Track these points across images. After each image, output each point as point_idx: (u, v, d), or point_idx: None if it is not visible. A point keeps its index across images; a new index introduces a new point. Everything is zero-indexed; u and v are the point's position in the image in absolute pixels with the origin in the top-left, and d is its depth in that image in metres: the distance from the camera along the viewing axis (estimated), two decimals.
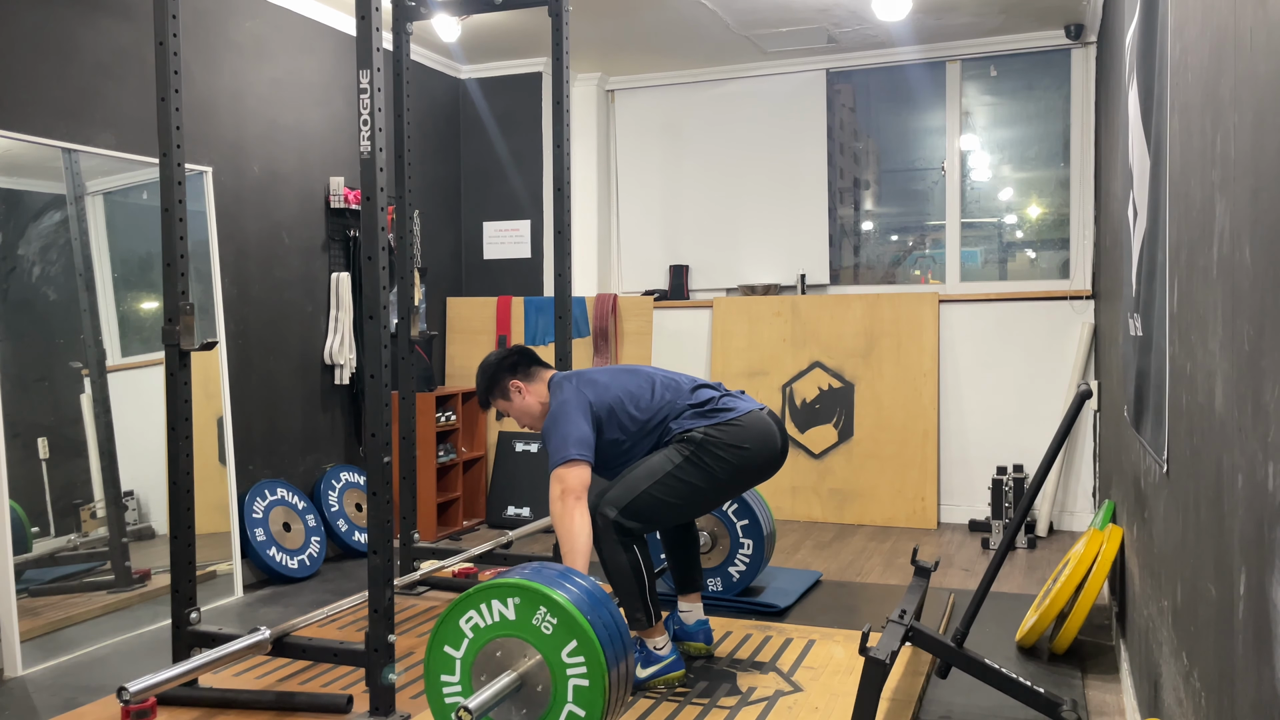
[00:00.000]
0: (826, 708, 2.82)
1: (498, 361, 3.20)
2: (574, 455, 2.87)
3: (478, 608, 2.37)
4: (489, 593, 2.36)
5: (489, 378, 3.19)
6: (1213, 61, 1.46)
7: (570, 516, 2.80)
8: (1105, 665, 3.25)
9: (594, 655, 2.27)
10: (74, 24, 3.65)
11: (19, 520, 3.36)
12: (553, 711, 2.30)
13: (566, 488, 2.83)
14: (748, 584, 3.84)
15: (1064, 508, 5.25)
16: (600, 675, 2.26)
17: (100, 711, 2.87)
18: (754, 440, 2.99)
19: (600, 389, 3.05)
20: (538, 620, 2.32)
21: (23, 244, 3.51)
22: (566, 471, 2.86)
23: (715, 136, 6.06)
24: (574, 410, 2.96)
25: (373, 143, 2.71)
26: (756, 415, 3.04)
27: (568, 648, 2.29)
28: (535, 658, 2.33)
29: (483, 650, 2.37)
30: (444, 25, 4.89)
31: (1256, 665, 1.13)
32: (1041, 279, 5.53)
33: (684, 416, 3.02)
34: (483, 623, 2.37)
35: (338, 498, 4.78)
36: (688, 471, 2.94)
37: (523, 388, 3.16)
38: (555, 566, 2.49)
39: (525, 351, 3.23)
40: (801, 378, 5.61)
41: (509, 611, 2.35)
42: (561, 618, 2.29)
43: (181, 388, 2.96)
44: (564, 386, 3.07)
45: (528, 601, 2.33)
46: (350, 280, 4.88)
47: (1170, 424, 1.95)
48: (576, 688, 2.28)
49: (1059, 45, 5.35)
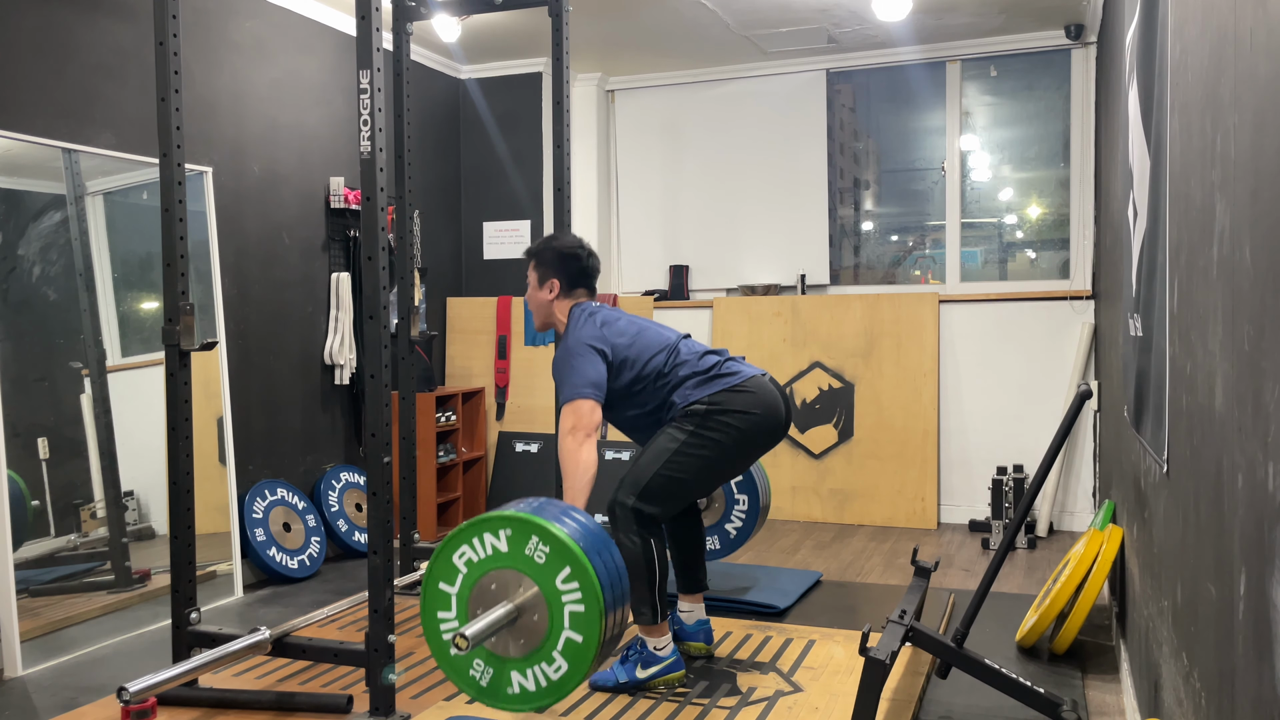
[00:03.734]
0: (826, 708, 2.82)
1: (565, 256, 3.17)
2: (588, 394, 2.87)
3: (470, 542, 2.35)
4: (481, 527, 2.34)
5: (548, 258, 3.17)
6: (1213, 61, 1.46)
7: (578, 451, 2.80)
8: (1105, 665, 3.25)
9: (588, 581, 2.25)
10: (74, 24, 3.65)
11: (19, 493, 3.35)
12: (550, 639, 2.29)
13: (578, 423, 2.83)
14: (744, 540, 3.80)
15: (1064, 508, 5.25)
16: (595, 599, 2.25)
17: (100, 711, 2.87)
18: (758, 405, 2.99)
19: (620, 336, 3.03)
20: (530, 550, 2.30)
21: (23, 244, 3.51)
22: (580, 406, 2.85)
23: (715, 136, 6.06)
24: (594, 352, 2.95)
25: (373, 143, 2.72)
26: (759, 380, 3.04)
27: (561, 575, 2.28)
28: (530, 587, 2.31)
29: (478, 584, 2.35)
30: (444, 25, 4.89)
31: (1256, 665, 1.13)
32: (1041, 279, 5.52)
33: (688, 385, 3.00)
34: (476, 557, 2.35)
35: (338, 498, 4.78)
36: (694, 446, 2.94)
37: (557, 290, 3.15)
38: (555, 503, 2.47)
39: (590, 270, 3.20)
40: (801, 378, 5.61)
41: (501, 544, 2.33)
42: (554, 546, 2.28)
43: (181, 388, 2.96)
44: (585, 323, 3.05)
45: (519, 532, 2.31)
46: (350, 280, 4.88)
47: (1170, 424, 1.95)
48: (573, 614, 2.27)
49: (1059, 45, 5.35)
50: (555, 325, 3.20)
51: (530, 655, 2.33)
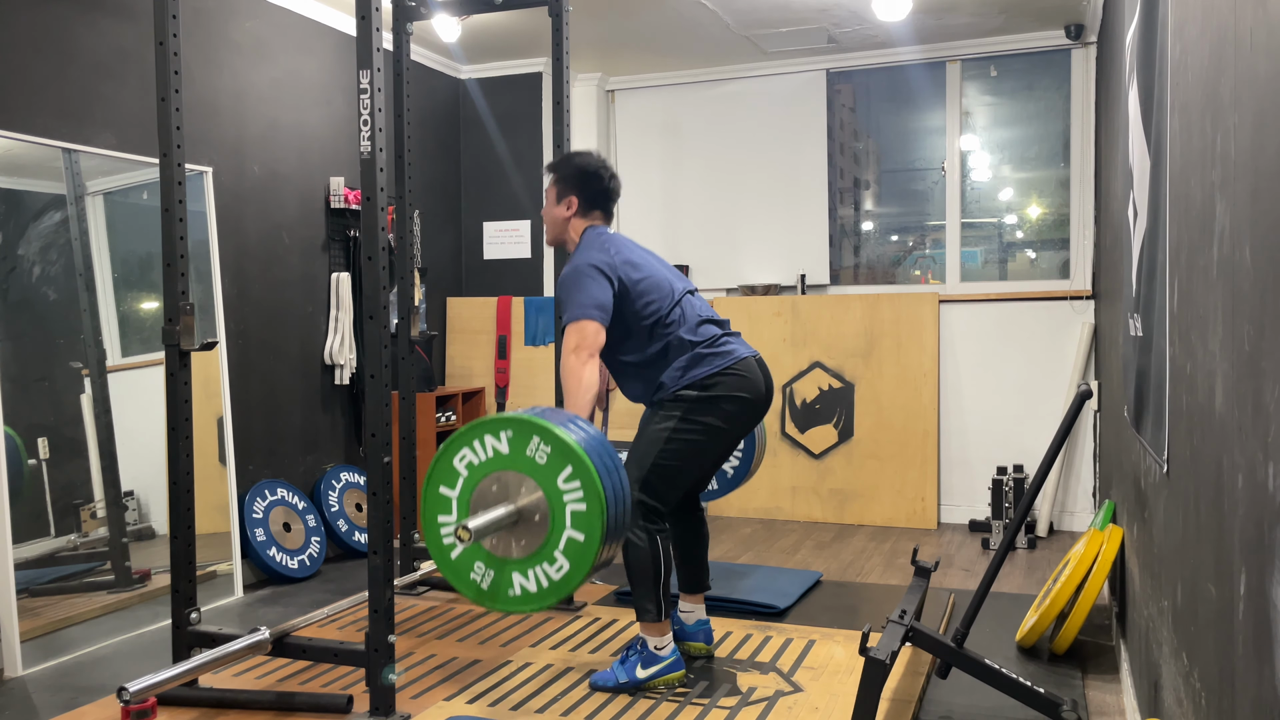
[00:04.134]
0: (826, 708, 2.82)
1: (586, 174, 3.14)
2: (595, 316, 2.86)
3: (470, 445, 2.33)
4: (481, 429, 2.32)
5: (568, 173, 3.15)
6: (1213, 61, 1.46)
7: (581, 369, 2.79)
8: (1105, 665, 3.25)
9: (589, 479, 2.24)
10: (74, 24, 3.65)
11: (14, 446, 3.34)
12: (552, 539, 2.28)
13: (582, 342, 2.82)
14: (739, 482, 3.74)
15: (1064, 508, 5.25)
16: (597, 497, 2.24)
17: (100, 711, 2.87)
18: (747, 389, 2.99)
19: (633, 269, 3.00)
20: (531, 451, 2.29)
21: (23, 244, 3.51)
22: (585, 326, 2.84)
23: (715, 136, 6.06)
24: (602, 276, 2.93)
25: (373, 143, 2.72)
26: (749, 362, 3.03)
27: (563, 474, 2.26)
28: (532, 488, 2.29)
29: (479, 486, 2.33)
30: (444, 25, 4.89)
31: (1256, 665, 1.13)
32: (1041, 279, 5.52)
33: (680, 361, 2.98)
34: (476, 459, 2.33)
35: (338, 498, 4.78)
36: (686, 432, 2.94)
37: (573, 207, 3.13)
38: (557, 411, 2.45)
39: (610, 193, 3.17)
40: (801, 378, 5.61)
41: (502, 445, 2.31)
42: (555, 445, 2.27)
43: (181, 388, 2.96)
44: (598, 247, 3.02)
45: (520, 433, 2.30)
46: (350, 280, 4.88)
47: (1170, 424, 1.95)
48: (574, 513, 2.26)
49: (1059, 45, 5.35)
50: (566, 243, 3.17)
51: (531, 556, 2.30)
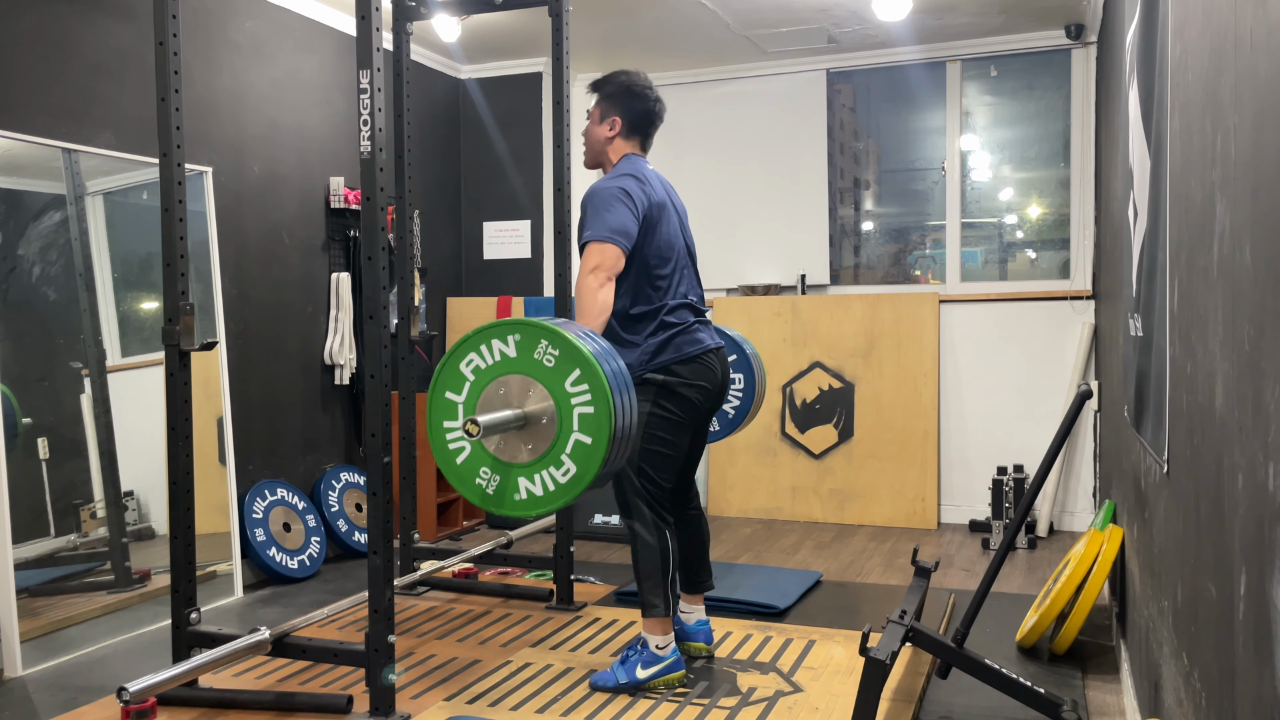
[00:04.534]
0: (826, 708, 2.82)
1: (633, 94, 3.10)
2: (619, 241, 2.83)
3: (478, 349, 2.32)
4: (488, 333, 2.31)
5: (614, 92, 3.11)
6: (1213, 61, 1.46)
7: (598, 291, 2.77)
8: (1105, 665, 3.25)
9: (598, 381, 2.23)
10: (74, 24, 3.65)
11: (10, 406, 3.33)
12: (559, 441, 2.27)
13: (602, 263, 2.80)
14: (743, 418, 3.72)
15: (1064, 508, 5.25)
16: (605, 399, 2.23)
17: (100, 711, 2.87)
18: (707, 379, 3.00)
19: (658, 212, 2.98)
20: (539, 354, 2.28)
21: (23, 244, 3.51)
22: (607, 249, 2.82)
23: (715, 136, 6.06)
24: (633, 205, 2.91)
25: (373, 143, 2.72)
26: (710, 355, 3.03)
27: (571, 377, 2.25)
28: (540, 391, 2.28)
29: (485, 391, 2.32)
30: (444, 25, 4.89)
31: (1257, 665, 1.13)
32: (1042, 279, 5.52)
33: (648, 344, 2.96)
34: (484, 364, 2.32)
35: (338, 498, 4.78)
36: (659, 413, 2.94)
37: (617, 128, 3.12)
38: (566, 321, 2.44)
39: (653, 118, 3.14)
40: (801, 378, 5.61)
41: (509, 349, 2.30)
42: (563, 348, 2.25)
43: (181, 388, 2.96)
44: (632, 175, 2.99)
45: (528, 337, 2.28)
46: (350, 280, 4.88)
47: (1170, 424, 1.95)
48: (582, 415, 2.25)
49: (1059, 45, 5.35)
50: (604, 164, 3.15)
51: (538, 460, 2.29)
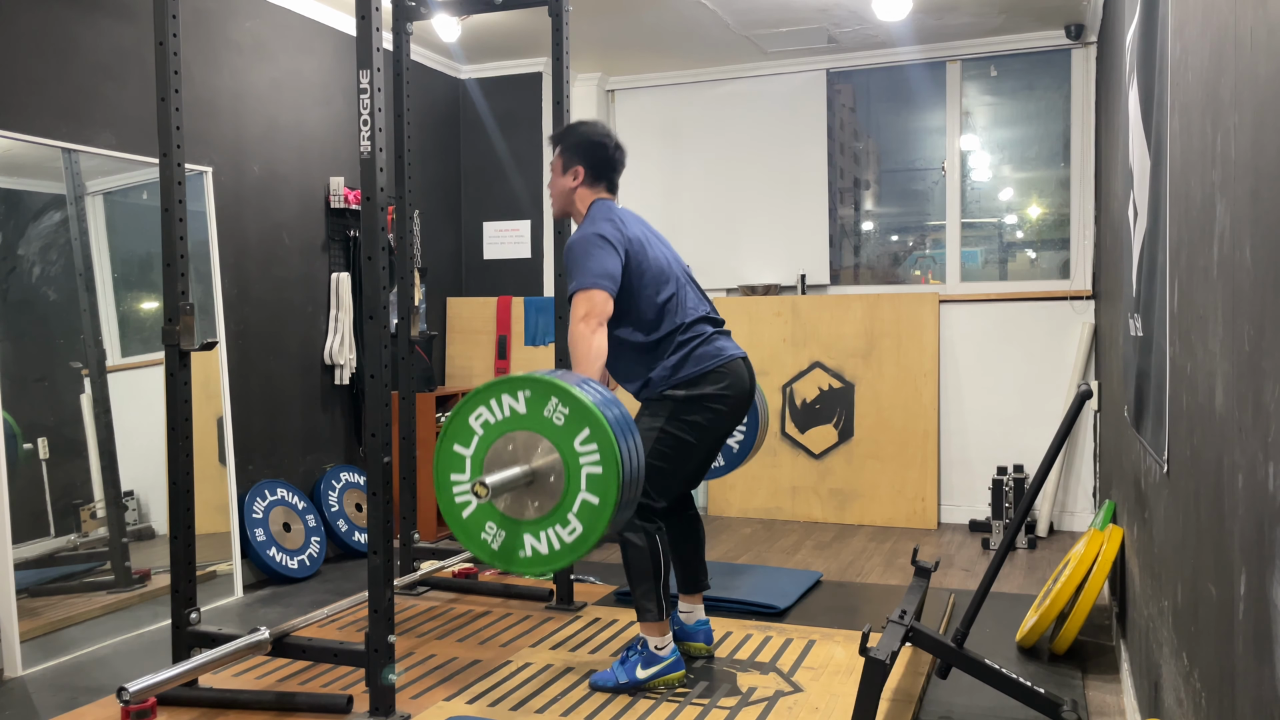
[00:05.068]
0: (826, 708, 2.82)
1: (592, 143, 3.12)
2: (605, 285, 2.85)
3: (488, 403, 2.31)
4: (499, 388, 2.30)
5: (574, 142, 3.13)
6: (1213, 61, 1.46)
7: (592, 337, 2.78)
8: (1105, 665, 3.25)
9: (607, 442, 2.23)
10: (74, 24, 3.65)
11: (11, 431, 3.33)
12: (567, 500, 2.27)
13: (592, 310, 2.81)
14: (746, 454, 3.73)
15: (1064, 508, 5.25)
16: (614, 461, 2.22)
17: (100, 711, 2.87)
18: (733, 389, 3.00)
19: (638, 245, 3.00)
20: (549, 411, 2.27)
21: (23, 244, 3.51)
22: (594, 295, 2.83)
23: (715, 136, 6.06)
24: (611, 247, 2.93)
25: (373, 143, 2.72)
26: (736, 364, 3.05)
27: (580, 436, 2.25)
28: (548, 449, 2.28)
29: (494, 446, 2.31)
30: (444, 25, 4.89)
31: (1257, 665, 1.13)
32: (1042, 279, 5.52)
33: (670, 358, 2.98)
34: (493, 418, 2.31)
35: (338, 498, 4.78)
36: (672, 430, 2.95)
37: (580, 178, 3.11)
38: (570, 373, 2.44)
39: (616, 163, 3.15)
40: (801, 378, 5.61)
41: (519, 405, 2.29)
42: (573, 407, 2.25)
43: (181, 388, 2.96)
44: (611, 221, 3.01)
45: (538, 394, 2.28)
46: (350, 280, 4.88)
47: (1170, 424, 1.95)
48: (590, 475, 2.25)
49: (1059, 45, 5.35)
50: (574, 214, 3.15)
51: (545, 517, 2.28)
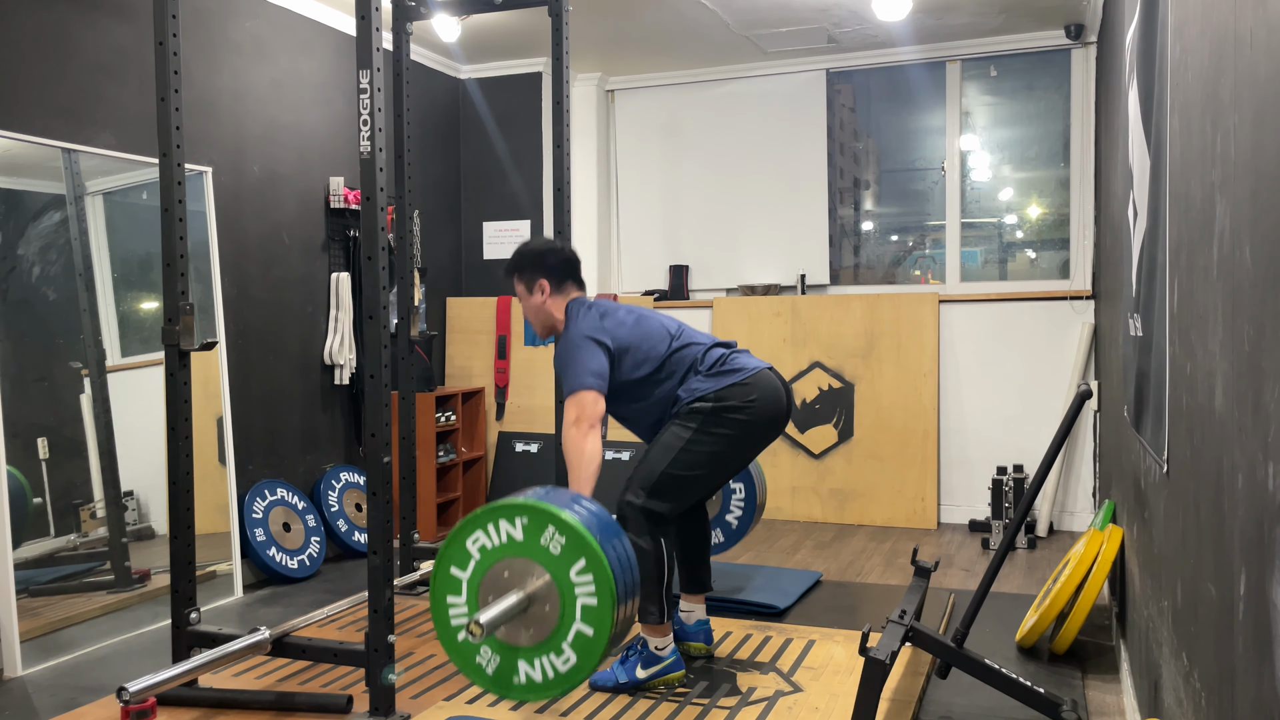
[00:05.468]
0: (826, 708, 2.82)
1: (542, 253, 3.15)
2: (591, 384, 2.86)
3: (485, 528, 2.33)
4: (496, 513, 2.32)
5: (526, 262, 3.15)
6: (1213, 61, 1.46)
7: (583, 442, 2.79)
8: (1105, 665, 3.25)
9: (603, 574, 2.24)
10: (74, 24, 3.65)
11: (19, 486, 3.34)
12: (561, 630, 2.28)
13: (582, 414, 2.83)
14: (745, 530, 3.78)
15: (1064, 508, 5.25)
16: (609, 593, 2.23)
17: (100, 711, 2.87)
18: (762, 399, 2.99)
19: (623, 330, 3.02)
20: (546, 540, 2.29)
21: (23, 244, 3.51)
22: (582, 397, 2.85)
23: (715, 136, 6.06)
24: (594, 343, 2.94)
25: (373, 143, 2.72)
26: (764, 374, 3.04)
27: (576, 566, 2.26)
28: (543, 577, 2.29)
29: (490, 571, 2.33)
30: (444, 25, 4.89)
31: (1256, 665, 1.13)
32: (1041, 279, 5.52)
33: (694, 379, 3.00)
34: (490, 544, 2.33)
35: (338, 498, 4.78)
36: (702, 441, 2.94)
37: (547, 291, 3.12)
38: (563, 491, 2.46)
39: (571, 261, 3.18)
40: (801, 378, 5.61)
41: (516, 532, 2.31)
42: (570, 537, 2.26)
43: (181, 388, 2.96)
44: (583, 316, 3.04)
45: (536, 521, 2.29)
46: (350, 280, 4.88)
47: (1170, 424, 1.95)
48: (585, 606, 2.26)
49: (1059, 45, 5.35)
50: (556, 326, 3.16)
51: (539, 645, 2.31)
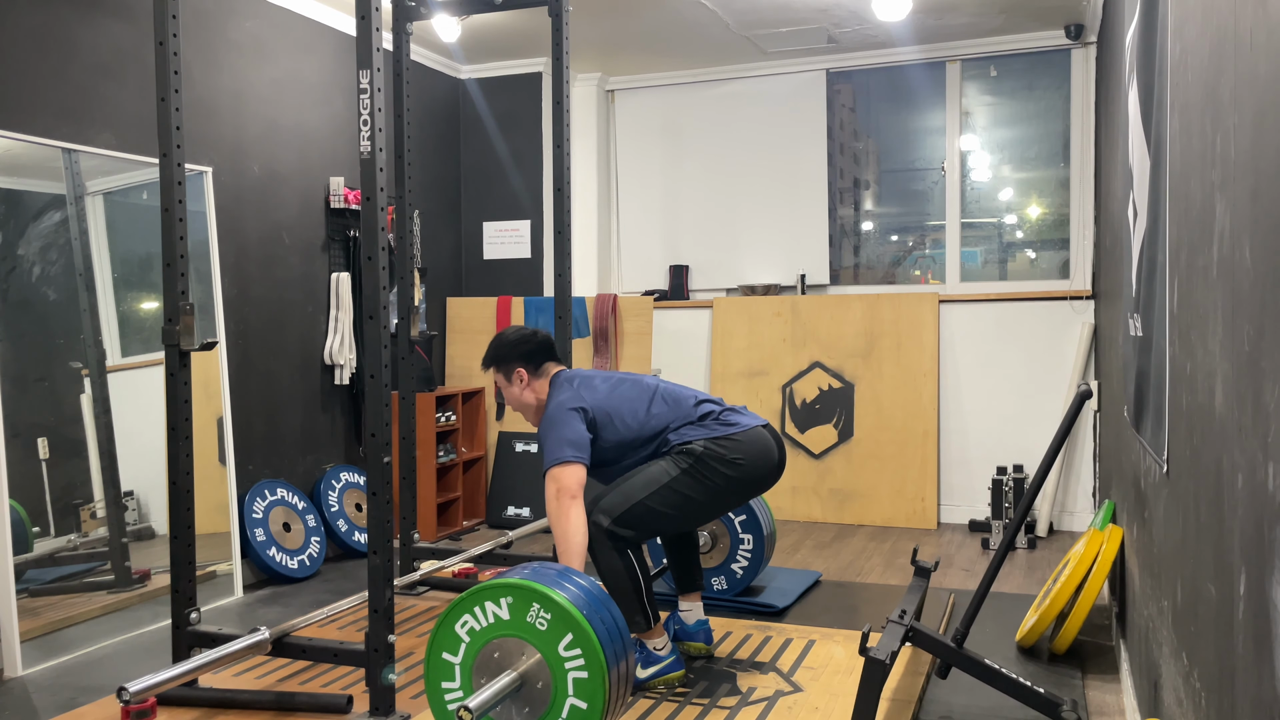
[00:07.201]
0: (826, 708, 2.82)
1: (516, 343, 3.18)
2: (569, 456, 2.88)
3: (471, 611, 2.38)
4: (482, 595, 2.37)
5: (501, 354, 3.18)
6: (1213, 61, 1.46)
7: (566, 516, 2.80)
8: (1105, 665, 3.25)
9: (591, 647, 2.27)
10: (74, 24, 3.65)
11: (20, 519, 3.36)
12: (555, 707, 2.31)
13: (561, 487, 2.84)
14: (751, 580, 3.84)
15: (1064, 508, 5.25)
16: (599, 666, 2.27)
17: (100, 711, 2.87)
18: (752, 455, 3.00)
19: (599, 394, 3.05)
20: (532, 617, 2.32)
21: (23, 244, 3.51)
22: (561, 471, 2.86)
23: (715, 136, 6.06)
24: (570, 412, 2.96)
25: (373, 143, 2.72)
26: (757, 431, 3.04)
27: (564, 641, 2.30)
28: (533, 655, 2.33)
29: (481, 653, 2.37)
30: (444, 25, 4.89)
31: (1256, 665, 1.13)
32: (1041, 279, 5.52)
33: (684, 428, 3.02)
34: (478, 625, 2.37)
35: (338, 498, 4.78)
36: (685, 484, 2.95)
37: (525, 378, 3.16)
38: (553, 566, 2.50)
39: (545, 344, 3.20)
40: (801, 378, 5.61)
41: (503, 612, 2.35)
42: (555, 612, 2.30)
43: (181, 388, 2.96)
44: (564, 387, 3.08)
45: (520, 600, 2.33)
46: (350, 280, 4.88)
47: (1170, 424, 1.95)
48: (576, 681, 2.29)
49: (1059, 45, 5.35)
50: (542, 408, 3.16)
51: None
